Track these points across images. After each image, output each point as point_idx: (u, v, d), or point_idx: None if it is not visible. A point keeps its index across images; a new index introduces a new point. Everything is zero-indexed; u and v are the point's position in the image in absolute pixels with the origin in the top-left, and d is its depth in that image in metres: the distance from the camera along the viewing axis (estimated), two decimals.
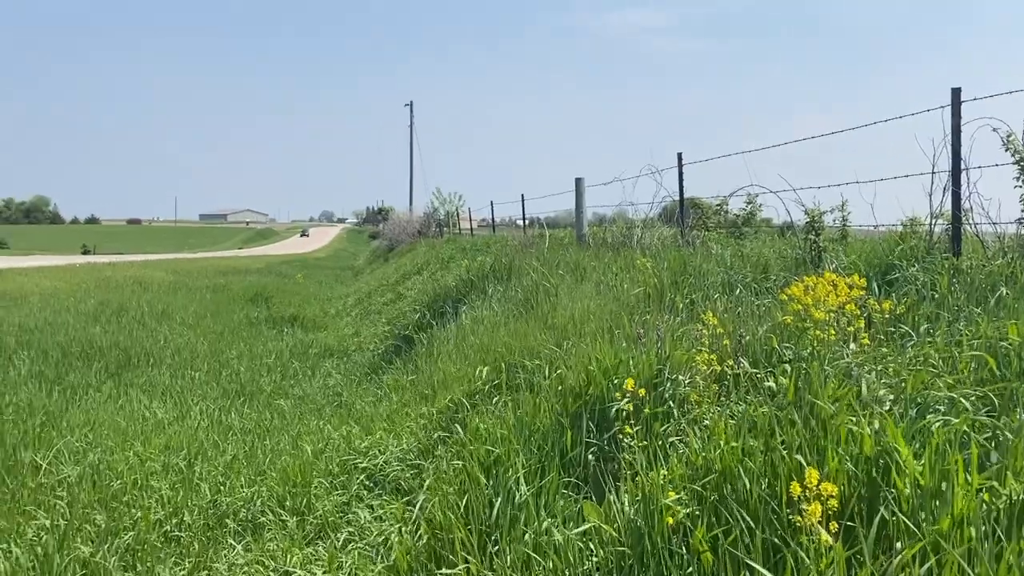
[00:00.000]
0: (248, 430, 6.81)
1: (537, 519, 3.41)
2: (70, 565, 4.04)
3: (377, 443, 5.61)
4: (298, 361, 10.62)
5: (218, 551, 4.37)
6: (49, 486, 5.10)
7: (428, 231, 34.09)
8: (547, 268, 8.57)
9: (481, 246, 16.49)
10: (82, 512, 4.66)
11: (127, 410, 7.21)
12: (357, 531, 4.42)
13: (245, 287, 21.20)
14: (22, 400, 7.05)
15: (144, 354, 9.88)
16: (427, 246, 26.07)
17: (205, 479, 5.36)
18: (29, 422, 6.38)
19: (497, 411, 4.93)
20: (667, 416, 3.78)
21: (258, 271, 31.20)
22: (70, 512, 4.64)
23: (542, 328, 6.24)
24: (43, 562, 4.03)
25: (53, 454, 5.59)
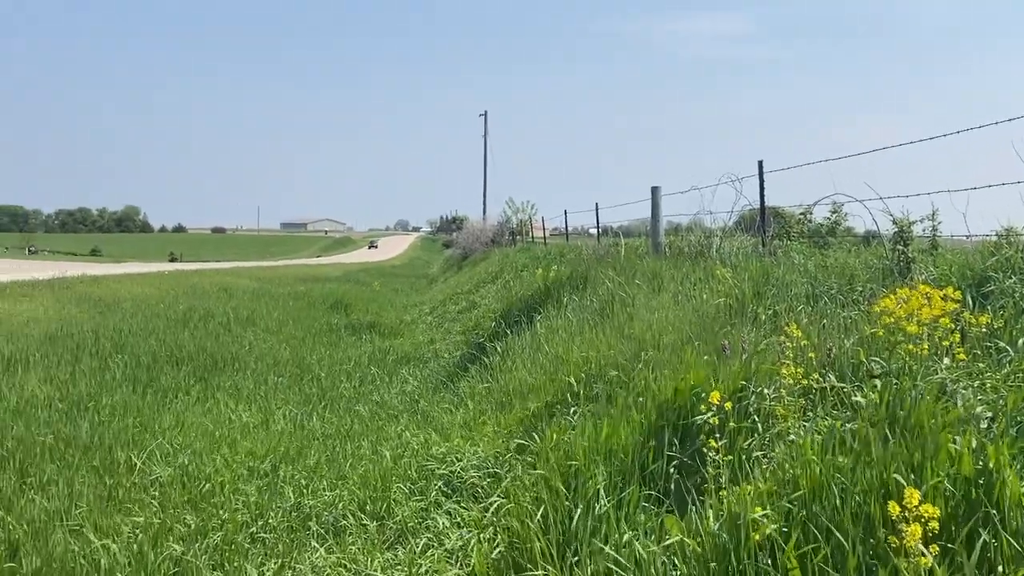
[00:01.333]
0: (329, 435, 6.95)
1: (618, 531, 3.39)
2: (163, 563, 4.20)
3: (454, 450, 5.67)
4: (376, 367, 10.79)
5: (302, 553, 4.47)
6: (142, 485, 5.32)
7: (501, 240, 34.28)
8: (623, 278, 8.51)
9: (555, 255, 16.49)
10: (173, 512, 4.83)
11: (214, 413, 7.45)
12: (435, 537, 4.46)
13: (325, 294, 21.69)
14: (117, 402, 7.36)
15: (230, 359, 10.20)
16: (500, 255, 26.20)
17: (289, 482, 5.50)
18: (123, 423, 6.66)
19: (575, 422, 4.91)
20: (751, 430, 3.71)
21: (337, 279, 31.88)
22: (163, 511, 4.82)
23: (619, 338, 6.20)
24: (138, 559, 4.19)
25: (147, 455, 5.82)
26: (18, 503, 4.80)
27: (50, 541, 4.32)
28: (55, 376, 8.15)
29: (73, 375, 8.27)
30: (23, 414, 6.59)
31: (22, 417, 6.48)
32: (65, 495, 4.97)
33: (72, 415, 6.77)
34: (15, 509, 4.70)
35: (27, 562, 4.11)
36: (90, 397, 7.41)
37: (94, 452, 5.81)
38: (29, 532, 4.42)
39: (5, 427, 6.15)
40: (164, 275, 25.13)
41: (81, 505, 4.84)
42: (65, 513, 4.72)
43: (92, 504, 4.87)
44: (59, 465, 5.51)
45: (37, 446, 5.78)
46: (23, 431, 6.06)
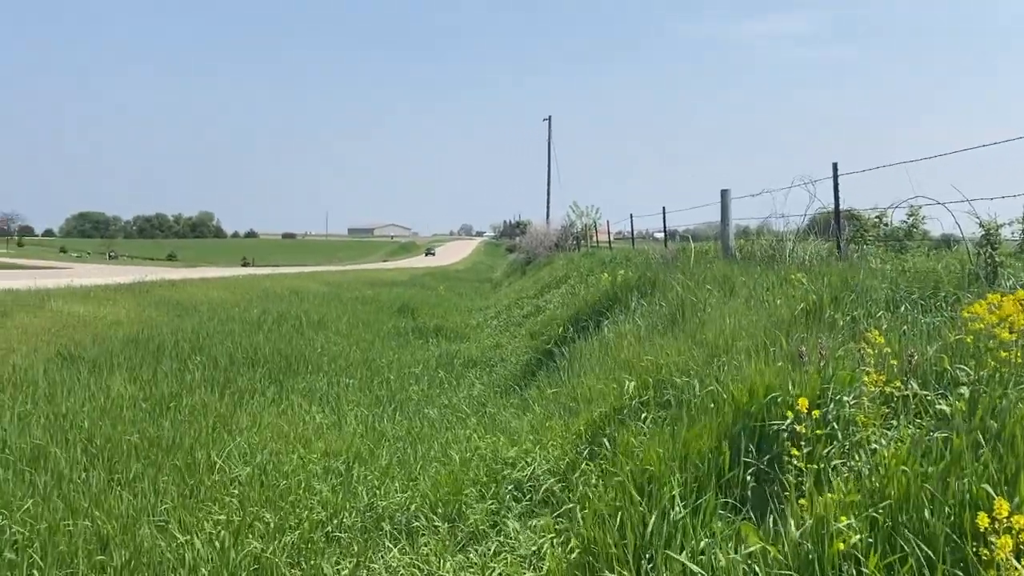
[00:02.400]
0: (399, 437, 7.05)
1: (694, 538, 3.35)
2: (244, 559, 4.32)
3: (524, 454, 5.68)
4: (443, 371, 10.89)
5: (376, 553, 4.55)
6: (223, 483, 5.47)
7: (565, 244, 34.23)
8: (693, 282, 8.41)
9: (621, 259, 16.39)
10: (253, 509, 4.96)
11: (289, 414, 7.63)
12: (507, 541, 4.49)
13: (392, 298, 21.99)
14: (197, 402, 7.59)
15: (303, 361, 10.43)
16: (565, 259, 26.16)
17: (362, 482, 5.60)
18: (203, 423, 6.87)
19: (647, 428, 4.87)
20: (831, 438, 3.63)
21: (403, 283, 32.28)
22: (242, 509, 4.95)
23: (690, 344, 6.13)
24: (221, 555, 4.32)
25: (226, 454, 5.99)
26: (107, 499, 4.99)
27: (137, 536, 4.49)
28: (138, 377, 8.45)
29: (155, 376, 8.57)
30: (110, 414, 6.86)
31: (109, 416, 6.74)
32: (150, 492, 5.15)
33: (155, 415, 7.01)
34: (104, 505, 4.89)
35: (117, 555, 4.28)
36: (171, 397, 7.67)
37: (176, 451, 6.00)
38: (118, 527, 4.59)
39: (94, 426, 6.40)
40: (238, 279, 25.83)
41: (166, 502, 5.01)
42: (151, 509, 4.89)
43: (176, 501, 5.04)
44: (144, 463, 5.71)
45: (124, 444, 6.01)
46: (111, 430, 6.31)
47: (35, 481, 5.20)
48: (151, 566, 4.23)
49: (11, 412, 6.65)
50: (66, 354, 9.36)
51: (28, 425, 6.35)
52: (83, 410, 6.88)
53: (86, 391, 7.59)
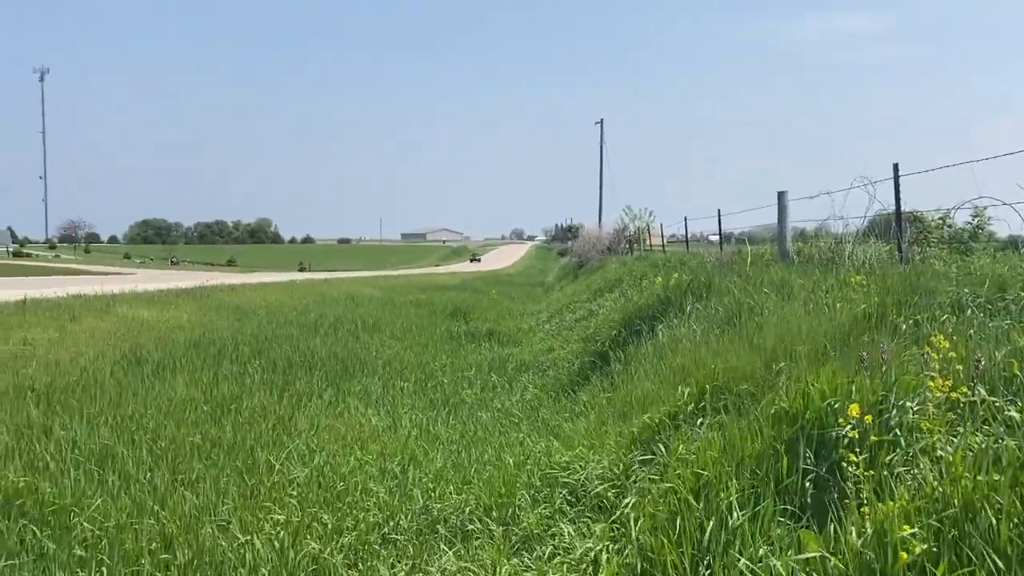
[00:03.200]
0: (453, 440, 7.10)
1: (753, 545, 3.30)
2: (302, 560, 4.39)
3: (577, 458, 5.66)
4: (496, 374, 10.93)
5: (431, 556, 4.58)
6: (282, 484, 5.57)
7: (618, 248, 34.04)
8: (749, 285, 8.29)
9: (675, 263, 16.25)
10: (311, 510, 5.04)
11: (345, 417, 7.74)
12: (562, 546, 4.48)
13: (445, 302, 22.14)
14: (256, 405, 7.75)
15: (359, 364, 10.57)
16: (618, 263, 26.03)
17: (417, 485, 5.65)
18: (263, 425, 7.01)
19: (703, 433, 4.82)
20: (893, 445, 3.54)
21: (455, 287, 32.47)
22: (301, 510, 5.04)
23: (747, 348, 6.04)
24: (280, 555, 4.40)
25: (285, 456, 6.10)
26: (171, 498, 5.13)
27: (200, 535, 4.60)
28: (200, 380, 8.67)
29: (216, 379, 8.77)
30: (173, 415, 7.04)
31: (173, 418, 6.93)
32: (212, 492, 5.27)
33: (216, 417, 7.18)
34: (169, 504, 5.02)
35: (180, 554, 4.39)
36: (232, 400, 7.84)
37: (237, 452, 6.14)
38: (181, 526, 4.71)
39: (159, 427, 6.59)
40: (295, 284, 26.29)
41: (227, 502, 5.12)
42: (213, 509, 5.01)
43: (236, 502, 5.14)
44: (206, 464, 5.86)
45: (187, 445, 6.16)
46: (174, 431, 6.48)
47: (104, 480, 5.38)
48: (213, 565, 4.32)
49: (80, 414, 6.88)
50: (131, 357, 9.64)
51: (96, 426, 6.55)
52: (148, 412, 7.08)
53: (150, 393, 7.81)
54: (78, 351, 9.95)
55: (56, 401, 7.26)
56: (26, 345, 10.05)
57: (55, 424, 6.49)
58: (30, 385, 7.80)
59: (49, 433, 6.26)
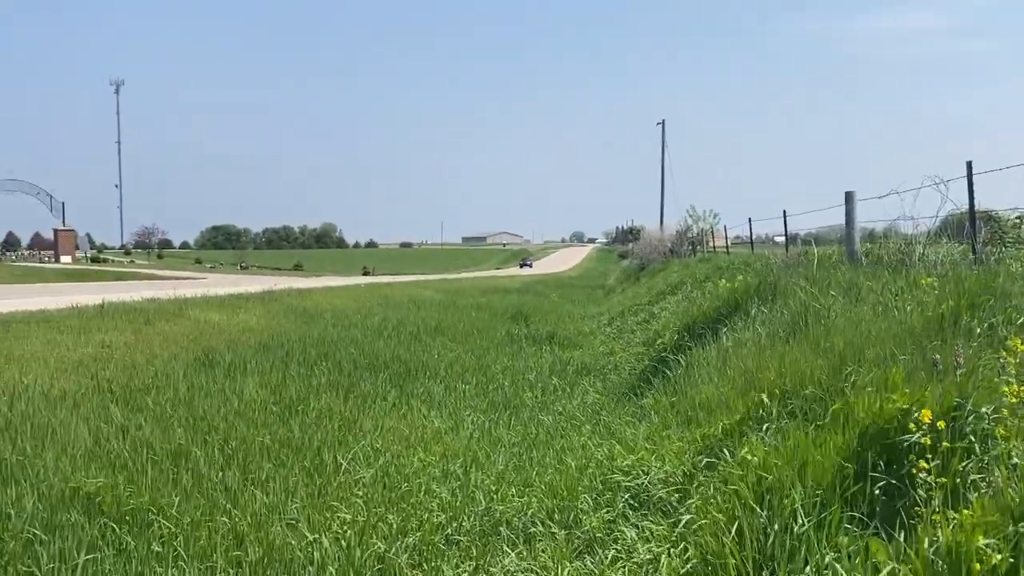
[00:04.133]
0: (515, 442, 7.14)
1: (819, 552, 3.25)
2: (368, 559, 4.48)
3: (640, 463, 5.63)
4: (557, 378, 10.94)
5: (494, 557, 4.61)
6: (348, 485, 5.69)
7: (680, 250, 33.69)
8: (816, 288, 8.13)
9: (739, 265, 16.02)
10: (376, 510, 5.13)
11: (409, 419, 7.85)
12: (624, 549, 4.47)
13: (505, 305, 22.24)
14: (323, 406, 7.92)
15: (421, 367, 10.70)
16: (680, 265, 25.76)
17: (479, 487, 5.70)
18: (329, 425, 7.16)
19: (768, 439, 4.75)
20: (968, 452, 3.44)
21: (516, 290, 32.56)
22: (367, 510, 5.13)
23: (814, 352, 5.93)
24: (346, 553, 4.50)
25: (351, 456, 6.22)
26: (242, 497, 5.28)
27: (270, 533, 4.73)
28: (269, 381, 8.89)
29: (284, 380, 8.99)
30: (244, 416, 7.25)
31: (243, 419, 7.13)
32: (281, 491, 5.41)
33: (284, 417, 7.36)
34: (240, 502, 5.17)
35: (251, 551, 4.52)
36: (299, 401, 8.03)
37: (305, 452, 6.29)
38: (252, 524, 4.84)
39: (230, 427, 6.78)
40: (359, 288, 26.75)
41: (295, 501, 5.25)
42: (282, 508, 5.14)
43: (305, 501, 5.27)
44: (275, 464, 6.01)
45: (256, 445, 6.34)
46: (245, 431, 6.67)
47: (178, 479, 5.56)
48: (283, 563, 4.43)
49: (155, 414, 7.13)
50: (204, 359, 9.94)
51: (170, 426, 6.78)
52: (219, 413, 7.29)
53: (221, 394, 8.05)
54: (152, 353, 10.30)
55: (133, 402, 7.53)
56: (104, 348, 10.45)
57: (132, 424, 6.73)
58: (108, 386, 8.11)
59: (126, 433, 6.49)
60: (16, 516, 4.64)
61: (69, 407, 7.07)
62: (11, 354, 9.49)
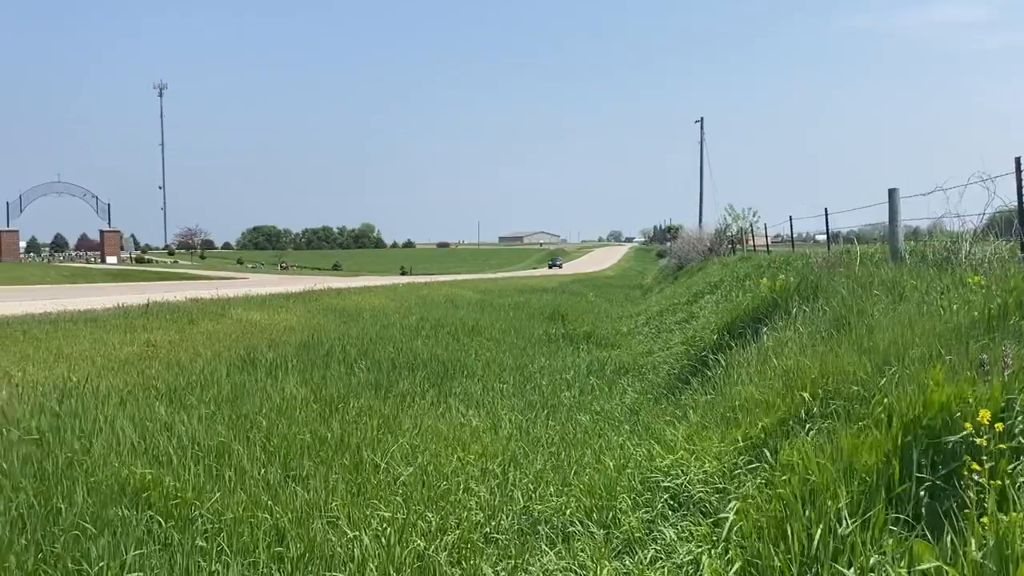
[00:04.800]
0: (553, 442, 7.13)
1: (863, 554, 3.20)
2: (408, 556, 4.51)
3: (679, 463, 5.60)
4: (594, 377, 10.92)
5: (532, 556, 4.62)
6: (387, 483, 5.73)
7: (719, 248, 33.40)
8: (859, 286, 8.00)
9: (779, 263, 15.83)
10: (416, 509, 5.17)
11: (447, 418, 7.89)
12: (663, 549, 4.44)
13: (542, 305, 22.24)
14: (363, 404, 7.99)
15: (459, 366, 10.75)
16: (719, 264, 25.54)
17: (518, 486, 5.71)
18: (369, 424, 7.22)
19: (810, 439, 4.69)
20: (1016, 453, 3.37)
21: (552, 290, 32.54)
22: (406, 508, 5.17)
23: (856, 352, 5.84)
24: (386, 551, 4.53)
25: (390, 455, 6.27)
26: (283, 494, 5.35)
27: (311, 529, 4.78)
28: (309, 380, 9.00)
29: (324, 379, 9.09)
30: (285, 414, 7.34)
31: (284, 416, 7.22)
32: (322, 489, 5.47)
33: (325, 416, 7.44)
34: (281, 499, 5.24)
35: (292, 547, 4.57)
36: (339, 399, 8.11)
37: (345, 450, 6.35)
38: (293, 520, 4.91)
39: (272, 425, 6.88)
40: (397, 287, 26.93)
41: (335, 498, 5.30)
42: (323, 505, 5.20)
43: (345, 498, 5.32)
44: (315, 461, 6.08)
45: (297, 443, 6.42)
46: (286, 429, 6.76)
47: (221, 475, 5.65)
48: (324, 559, 4.48)
49: (199, 412, 7.25)
50: (246, 358, 10.09)
51: (213, 423, 6.90)
52: (261, 410, 7.40)
53: (263, 392, 8.16)
54: (196, 352, 10.48)
55: (177, 399, 7.68)
56: (149, 346, 10.66)
57: (176, 421, 6.86)
58: (153, 384, 8.27)
59: (171, 429, 6.61)
60: (67, 511, 4.75)
61: (116, 404, 7.22)
62: (60, 352, 9.72)
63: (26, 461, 5.51)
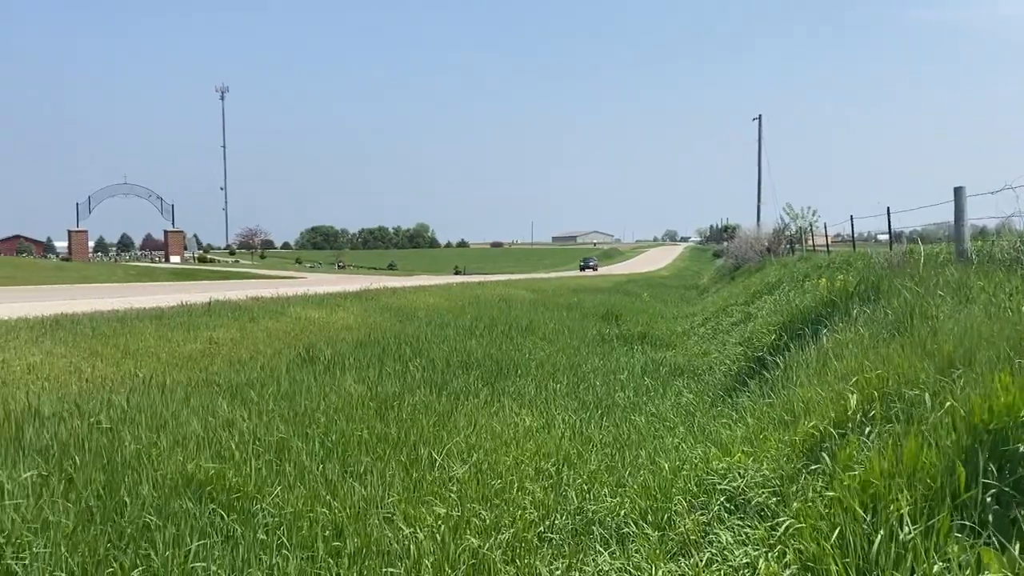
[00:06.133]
0: (607, 443, 7.12)
1: (926, 561, 3.13)
2: (462, 554, 4.55)
3: (736, 466, 5.53)
4: (649, 378, 10.85)
5: (587, 556, 4.62)
6: (442, 480, 5.79)
7: (778, 248, 32.86)
8: (922, 288, 7.80)
9: (840, 264, 15.52)
10: (471, 506, 5.21)
11: (500, 416, 7.93)
12: (719, 552, 4.40)
13: (596, 305, 22.17)
14: (418, 402, 8.08)
15: (512, 365, 10.79)
16: (778, 264, 25.13)
17: (572, 486, 5.71)
18: (424, 421, 7.30)
19: (871, 443, 4.60)
20: None
21: (607, 289, 32.40)
22: (461, 506, 5.22)
23: (920, 355, 5.69)
24: (441, 548, 4.58)
25: (445, 452, 6.33)
26: (341, 489, 5.44)
27: (367, 525, 4.86)
28: (366, 377, 9.13)
29: (380, 376, 9.22)
30: (342, 411, 7.47)
31: (342, 413, 7.35)
32: (378, 485, 5.55)
33: (381, 412, 7.54)
34: (339, 495, 5.33)
35: (350, 542, 4.66)
36: (395, 397, 8.21)
37: (401, 447, 6.43)
38: (351, 516, 4.99)
39: (330, 422, 7.01)
40: (451, 287, 27.10)
41: (392, 495, 5.38)
42: (379, 501, 5.28)
43: (401, 495, 5.39)
44: (372, 457, 6.17)
45: (355, 439, 6.52)
46: (344, 426, 6.87)
47: (281, 470, 5.78)
48: (380, 555, 4.55)
49: (259, 408, 7.42)
50: (305, 355, 10.29)
51: (273, 419, 7.05)
52: (319, 407, 7.54)
53: (321, 390, 8.31)
54: (257, 349, 10.73)
55: (238, 395, 7.87)
56: (212, 344, 10.94)
57: (238, 416, 7.03)
58: (216, 380, 8.49)
59: (232, 425, 6.78)
60: (133, 503, 4.91)
61: (180, 399, 7.44)
62: (127, 349, 10.04)
63: (96, 453, 5.71)
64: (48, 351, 9.41)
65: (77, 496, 4.92)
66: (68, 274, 44.01)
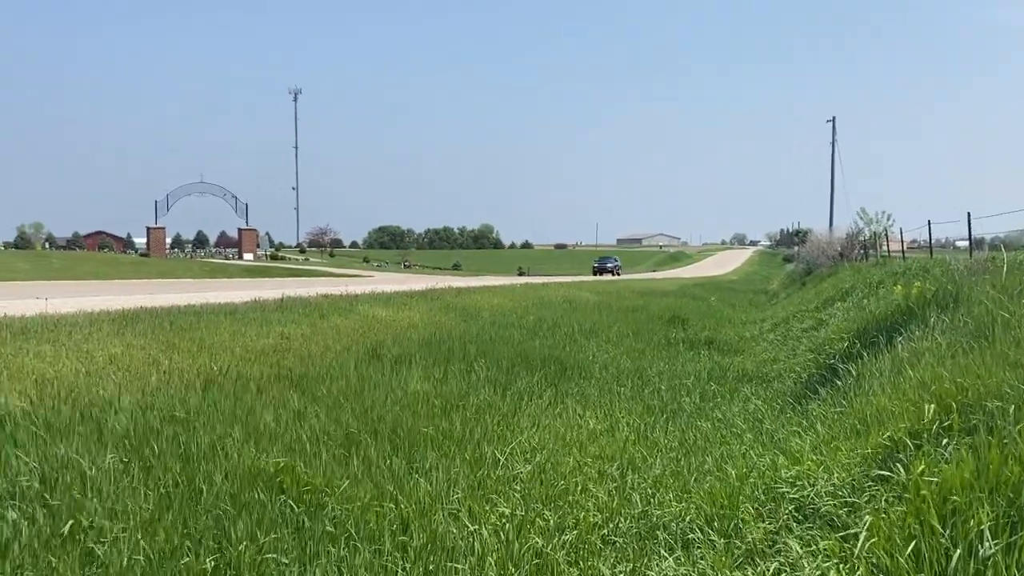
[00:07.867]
0: (672, 447, 7.05)
1: None
2: (526, 553, 4.56)
3: (805, 474, 5.42)
4: (715, 384, 10.70)
5: (651, 560, 4.58)
6: (506, 479, 5.83)
7: (851, 254, 32.08)
8: (1005, 295, 7.51)
9: (917, 270, 15.03)
10: (534, 506, 5.23)
11: (564, 418, 7.93)
12: (787, 563, 4.31)
13: (662, 308, 21.96)
14: (482, 401, 8.15)
15: (576, 367, 10.78)
16: (851, 270, 24.52)
17: (636, 489, 5.68)
18: (488, 420, 7.35)
19: (949, 455, 4.45)
20: None
21: (672, 293, 32.06)
22: (524, 505, 5.24)
23: (1002, 365, 5.49)
24: (505, 546, 4.61)
25: (509, 451, 6.36)
26: (407, 485, 5.53)
27: (433, 521, 4.92)
28: (431, 375, 9.24)
29: (445, 375, 9.32)
30: (408, 407, 7.57)
31: (408, 410, 7.45)
32: (444, 482, 5.62)
33: (446, 410, 7.62)
34: (405, 490, 5.41)
35: (416, 537, 4.72)
36: (459, 396, 8.29)
37: (465, 445, 6.49)
38: (417, 511, 5.06)
39: (396, 418, 7.11)
40: (515, 288, 27.20)
41: (456, 492, 5.44)
42: (444, 497, 5.34)
43: (465, 492, 5.45)
44: (438, 454, 6.24)
45: (421, 436, 6.61)
46: (411, 422, 6.97)
47: (348, 464, 5.89)
48: (445, 550, 4.59)
49: (328, 402, 7.57)
50: (372, 352, 10.46)
51: (342, 414, 7.19)
52: (386, 404, 7.66)
53: (388, 386, 8.44)
54: (326, 345, 10.95)
55: (308, 390, 8.04)
56: (283, 339, 11.21)
57: (308, 411, 7.19)
58: (287, 375, 8.70)
59: (303, 418, 6.94)
60: (207, 492, 5.07)
61: (253, 393, 7.64)
62: (203, 343, 10.36)
63: (174, 443, 5.92)
64: (128, 343, 9.77)
65: (155, 484, 5.10)
66: (146, 269, 45.69)
